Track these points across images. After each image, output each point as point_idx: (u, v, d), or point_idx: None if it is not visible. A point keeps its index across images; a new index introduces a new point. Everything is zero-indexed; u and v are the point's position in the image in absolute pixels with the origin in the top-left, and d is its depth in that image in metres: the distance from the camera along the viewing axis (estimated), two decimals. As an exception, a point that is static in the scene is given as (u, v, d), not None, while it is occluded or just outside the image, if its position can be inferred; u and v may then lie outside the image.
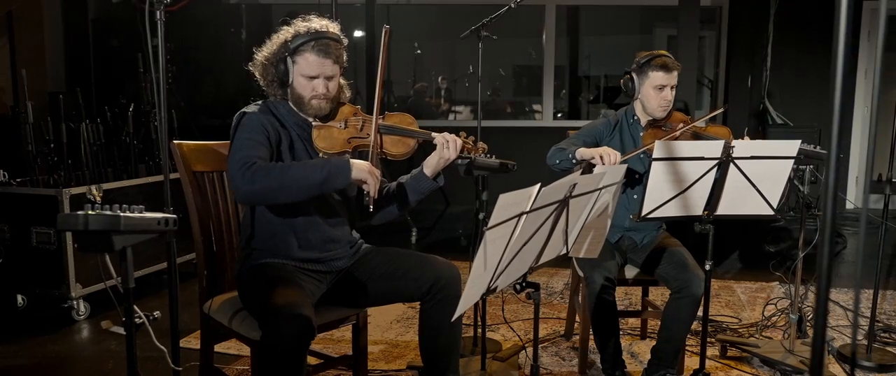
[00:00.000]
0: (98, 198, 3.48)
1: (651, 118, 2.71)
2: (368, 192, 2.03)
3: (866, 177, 1.91)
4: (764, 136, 6.48)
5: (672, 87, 2.64)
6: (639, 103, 2.73)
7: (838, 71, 0.86)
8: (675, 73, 2.64)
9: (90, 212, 1.34)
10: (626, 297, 3.91)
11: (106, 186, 3.56)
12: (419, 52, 8.25)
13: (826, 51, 6.64)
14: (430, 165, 2.17)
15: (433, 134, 2.15)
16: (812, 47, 6.65)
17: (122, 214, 1.37)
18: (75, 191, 3.42)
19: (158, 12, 2.04)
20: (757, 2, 6.54)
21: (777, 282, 4.18)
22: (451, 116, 8.05)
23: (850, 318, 3.55)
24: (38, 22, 5.34)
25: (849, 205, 6.74)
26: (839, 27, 0.84)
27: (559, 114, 7.43)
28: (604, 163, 2.43)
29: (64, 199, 3.38)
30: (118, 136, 4.03)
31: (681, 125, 2.64)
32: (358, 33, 7.20)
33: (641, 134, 2.71)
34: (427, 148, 2.21)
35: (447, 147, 2.11)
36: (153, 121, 4.22)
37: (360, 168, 2.01)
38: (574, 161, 2.54)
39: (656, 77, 2.62)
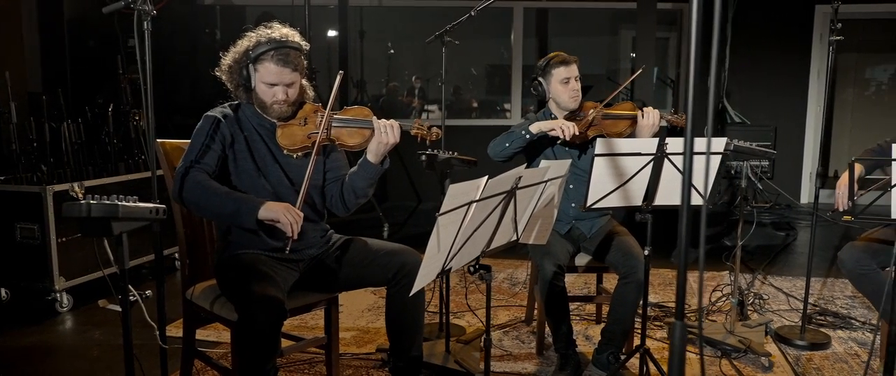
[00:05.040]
0: (80, 195, 3.63)
1: (566, 112, 2.96)
2: (287, 235, 2.14)
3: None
4: (723, 134, 6.78)
5: (576, 78, 2.93)
6: (552, 103, 3.00)
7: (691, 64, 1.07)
8: (574, 65, 2.93)
9: (92, 201, 1.53)
10: (585, 286, 4.15)
11: (87, 183, 3.71)
12: (392, 51, 8.44)
13: (781, 52, 6.98)
14: (372, 151, 2.31)
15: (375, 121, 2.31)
16: (768, 49, 6.98)
17: (119, 203, 1.56)
18: (58, 188, 3.58)
19: (146, 22, 2.20)
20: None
21: (727, 272, 4.44)
22: (424, 115, 8.25)
23: (790, 303, 3.83)
24: (17, 23, 5.43)
25: (803, 200, 7.07)
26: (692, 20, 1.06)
27: (530, 109, 7.66)
28: (564, 135, 2.70)
29: (47, 196, 3.53)
30: (98, 136, 4.18)
31: (592, 111, 2.90)
32: (332, 33, 7.39)
33: None
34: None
35: (385, 132, 2.26)
36: (132, 121, 4.37)
37: (271, 209, 2.13)
38: (528, 137, 2.78)
39: (559, 72, 2.91)
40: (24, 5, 5.62)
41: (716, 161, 2.42)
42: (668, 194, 2.45)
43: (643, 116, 2.82)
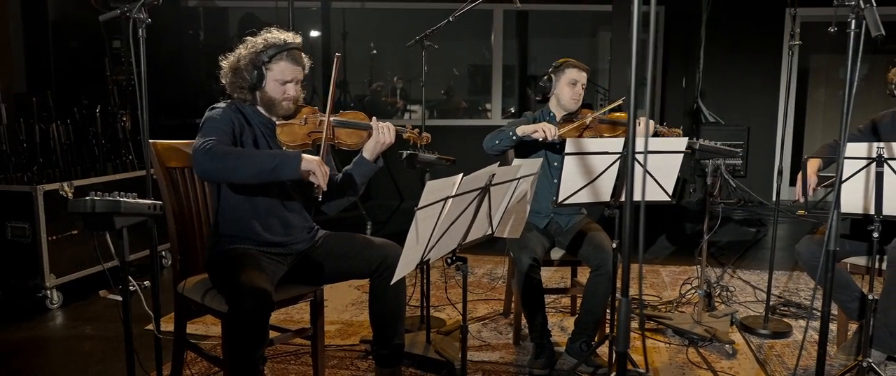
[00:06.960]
0: (70, 194, 3.72)
1: (565, 112, 3.15)
2: (317, 185, 2.31)
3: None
4: (697, 134, 6.98)
5: (582, 85, 3.13)
6: (554, 100, 3.18)
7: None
8: (585, 74, 3.14)
9: (96, 198, 1.65)
10: (561, 280, 4.30)
11: (77, 183, 3.80)
12: (375, 52, 8.56)
13: (754, 54, 7.18)
14: (369, 149, 2.50)
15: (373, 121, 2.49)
16: (741, 51, 7.19)
17: (121, 200, 1.68)
18: (49, 187, 3.67)
19: (141, 29, 2.32)
20: (690, 8, 7.03)
21: (698, 266, 4.61)
22: (407, 115, 8.39)
23: (756, 295, 4.00)
24: (3, 25, 5.49)
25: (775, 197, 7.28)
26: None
27: (510, 111, 7.81)
28: (546, 137, 2.88)
29: (38, 195, 3.62)
30: (86, 136, 4.27)
31: (590, 117, 3.07)
32: (314, 33, 7.50)
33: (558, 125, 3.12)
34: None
35: (383, 132, 2.46)
36: (120, 122, 4.47)
37: (310, 160, 2.28)
38: (515, 137, 2.96)
39: (570, 73, 3.11)
40: (9, 7, 5.68)
41: (676, 159, 2.56)
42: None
43: (639, 125, 2.97)
